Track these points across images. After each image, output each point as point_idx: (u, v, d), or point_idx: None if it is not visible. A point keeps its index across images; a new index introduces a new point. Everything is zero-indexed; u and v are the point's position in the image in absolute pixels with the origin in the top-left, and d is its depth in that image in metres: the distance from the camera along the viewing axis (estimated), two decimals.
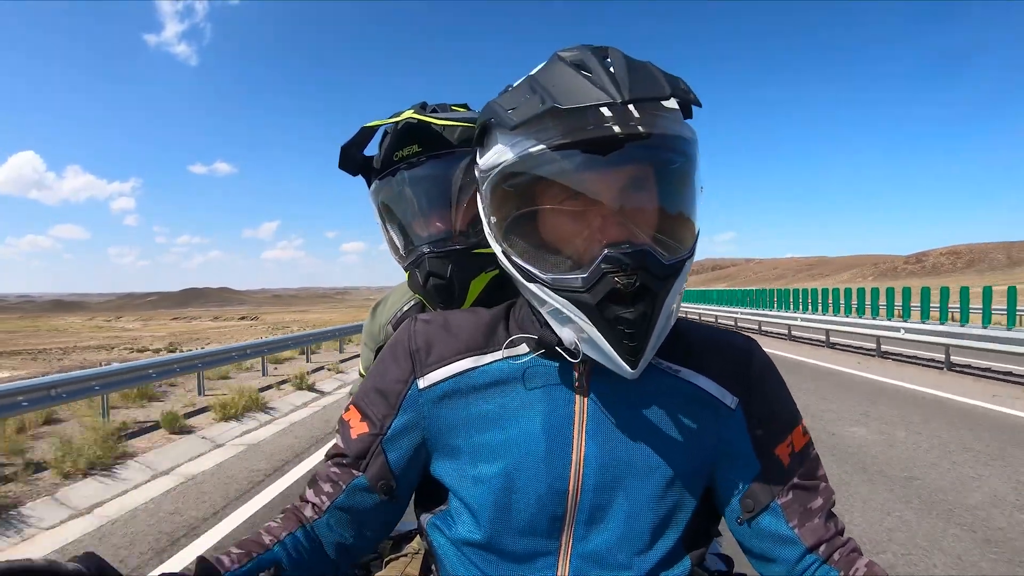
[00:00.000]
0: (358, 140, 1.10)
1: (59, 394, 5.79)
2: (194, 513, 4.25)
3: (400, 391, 0.78)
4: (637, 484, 0.73)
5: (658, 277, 0.65)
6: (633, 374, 0.67)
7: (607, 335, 0.65)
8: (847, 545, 0.75)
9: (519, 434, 0.74)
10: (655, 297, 0.65)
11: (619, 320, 0.64)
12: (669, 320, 0.69)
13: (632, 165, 0.67)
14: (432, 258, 1.07)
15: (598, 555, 0.73)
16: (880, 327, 11.84)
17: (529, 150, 0.65)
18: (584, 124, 0.63)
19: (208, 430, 6.55)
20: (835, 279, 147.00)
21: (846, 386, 8.65)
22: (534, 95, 0.65)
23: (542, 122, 0.65)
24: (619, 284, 0.63)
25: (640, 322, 0.65)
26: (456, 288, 1.07)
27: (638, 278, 0.64)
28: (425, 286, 1.09)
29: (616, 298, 0.64)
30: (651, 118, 0.65)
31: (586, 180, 0.66)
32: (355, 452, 0.78)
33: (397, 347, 0.81)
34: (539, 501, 0.73)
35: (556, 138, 0.64)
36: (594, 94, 0.62)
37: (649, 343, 0.66)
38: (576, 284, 0.66)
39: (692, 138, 0.70)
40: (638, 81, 0.63)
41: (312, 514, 0.78)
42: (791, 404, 0.81)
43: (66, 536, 3.90)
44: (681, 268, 0.68)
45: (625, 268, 0.63)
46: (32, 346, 38.93)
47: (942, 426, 6.13)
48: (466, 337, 0.79)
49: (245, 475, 5.16)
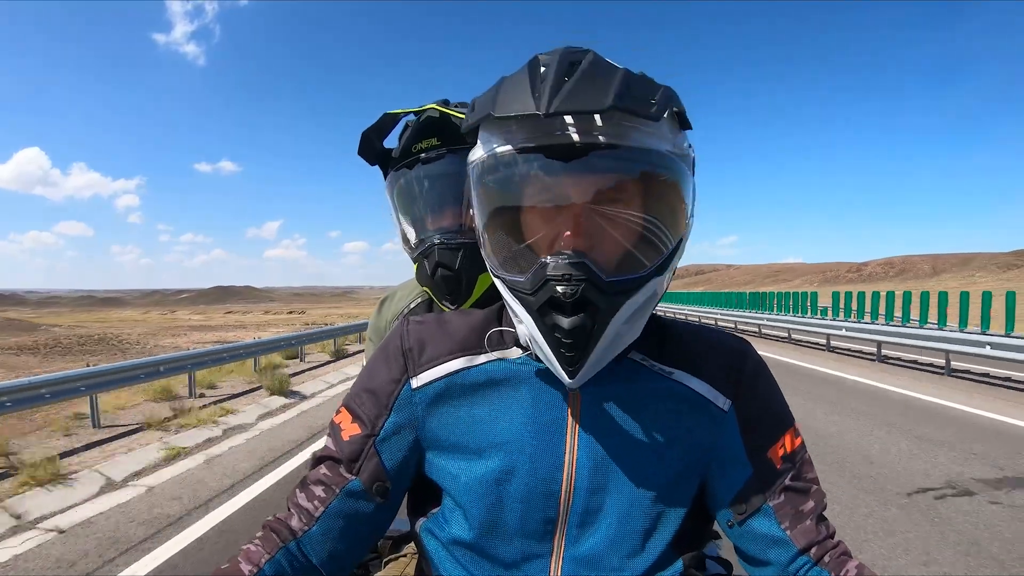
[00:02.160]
0: (379, 127, 1.02)
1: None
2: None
3: (392, 391, 0.71)
4: (629, 486, 0.66)
5: (603, 292, 0.58)
6: (571, 384, 0.62)
7: (547, 340, 0.60)
8: (837, 548, 0.68)
9: (511, 435, 0.67)
10: (597, 312, 0.58)
11: (556, 328, 0.58)
12: (619, 338, 0.61)
13: (587, 175, 0.59)
14: (442, 248, 1.01)
15: (591, 558, 0.66)
16: (827, 326, 13.12)
17: (495, 149, 0.60)
18: (521, 134, 0.58)
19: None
20: (790, 284, 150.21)
21: (795, 375, 9.46)
22: (488, 98, 0.60)
23: (488, 127, 0.61)
24: (558, 292, 0.57)
25: (577, 333, 0.58)
26: (463, 280, 1.01)
27: (580, 290, 0.57)
28: (433, 276, 1.02)
29: (555, 305, 0.58)
30: (593, 127, 0.56)
31: (536, 187, 0.60)
32: (348, 454, 0.70)
33: (389, 347, 0.74)
34: (531, 503, 0.66)
35: (496, 145, 0.60)
36: (525, 104, 0.56)
37: (590, 357, 0.59)
38: (524, 286, 0.60)
39: (663, 151, 0.59)
40: (579, 92, 0.55)
41: (301, 524, 0.69)
42: (784, 406, 0.73)
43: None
44: (633, 287, 0.59)
45: (567, 278, 0.57)
46: (129, 336, 36.59)
47: (850, 401, 7.17)
48: (460, 337, 0.72)
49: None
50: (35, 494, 4.06)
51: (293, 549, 0.68)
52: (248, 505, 4.03)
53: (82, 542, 3.40)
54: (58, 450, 5.04)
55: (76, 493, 4.18)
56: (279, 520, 0.70)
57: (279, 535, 0.68)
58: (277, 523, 0.70)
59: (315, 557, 0.69)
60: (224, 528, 3.60)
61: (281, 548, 0.67)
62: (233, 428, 6.28)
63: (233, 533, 3.50)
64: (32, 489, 4.11)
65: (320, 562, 0.69)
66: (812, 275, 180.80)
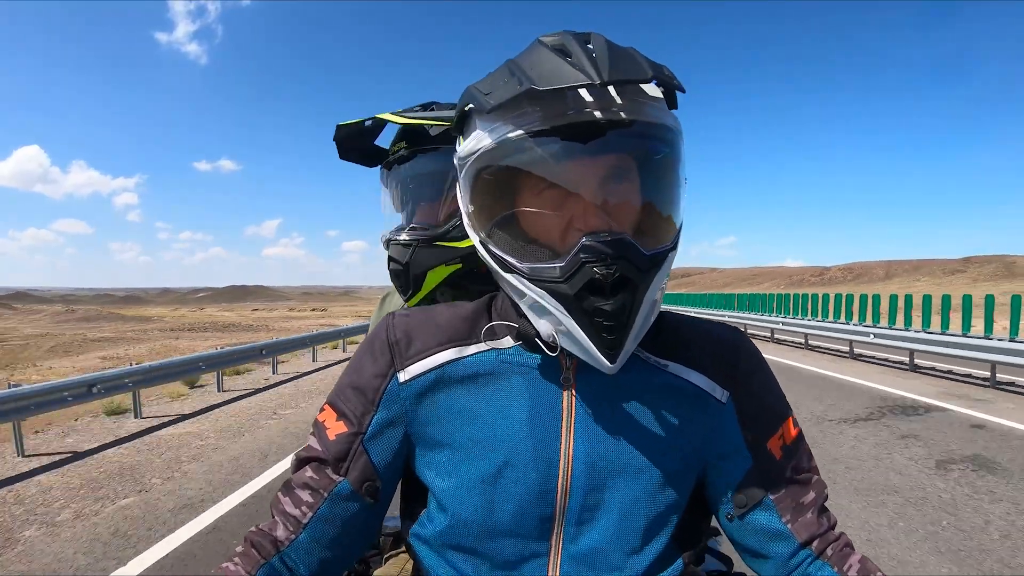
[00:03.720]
0: (337, 137, 1.01)
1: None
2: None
3: (379, 386, 0.64)
4: (628, 481, 0.61)
5: (639, 268, 0.54)
6: (612, 368, 0.55)
7: (585, 327, 0.54)
8: (840, 540, 0.64)
9: (504, 429, 0.61)
10: (635, 289, 0.54)
11: (597, 312, 0.53)
12: (651, 313, 0.57)
13: (614, 154, 0.55)
14: (394, 244, 0.99)
15: (590, 556, 0.61)
16: (770, 321, 14.66)
17: (507, 136, 0.54)
18: (564, 108, 0.53)
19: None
20: (760, 287, 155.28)
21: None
22: (512, 78, 0.54)
23: (519, 106, 0.54)
24: (598, 274, 0.52)
25: (619, 314, 0.53)
26: (411, 275, 0.97)
27: (618, 268, 0.53)
28: (389, 270, 1.01)
29: (595, 289, 0.53)
30: (634, 105, 0.54)
31: (566, 168, 0.55)
32: (334, 454, 0.63)
33: (374, 342, 0.66)
34: (527, 499, 0.60)
35: (535, 123, 0.53)
36: (573, 75, 0.51)
37: (629, 336, 0.55)
38: (554, 274, 0.54)
39: (676, 128, 0.58)
40: (619, 64, 0.52)
41: (288, 533, 0.62)
42: (781, 396, 0.68)
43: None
44: (663, 260, 0.56)
45: (604, 258, 0.52)
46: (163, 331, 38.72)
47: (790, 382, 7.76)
48: (448, 328, 0.65)
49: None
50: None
51: (276, 564, 0.61)
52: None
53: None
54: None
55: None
56: (262, 532, 0.63)
57: (260, 551, 0.61)
58: (259, 536, 0.62)
59: (303, 567, 0.62)
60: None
61: (263, 565, 0.60)
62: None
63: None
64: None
65: (310, 571, 0.63)
66: (781, 278, 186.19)
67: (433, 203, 1.00)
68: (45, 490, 4.10)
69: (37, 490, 4.11)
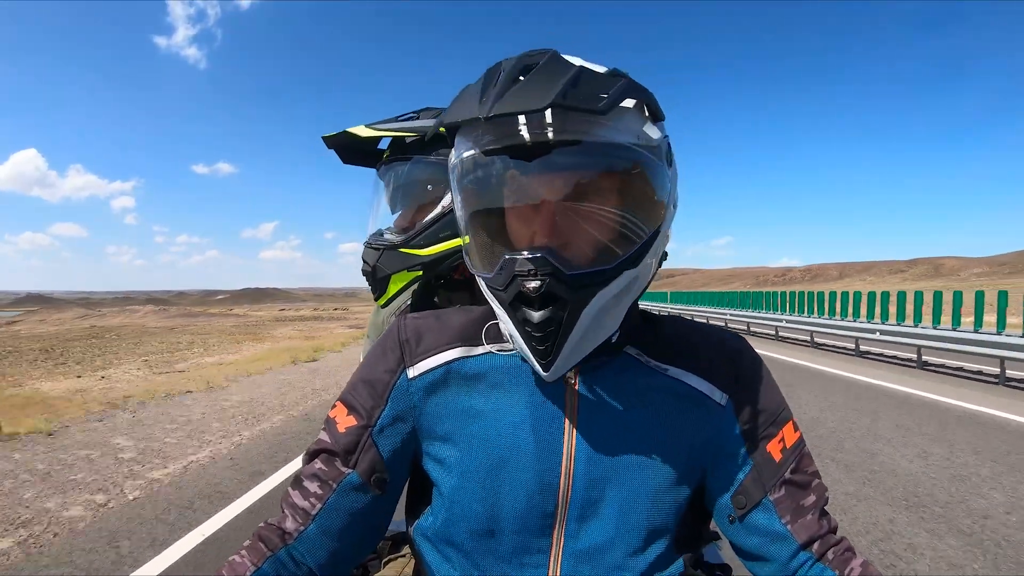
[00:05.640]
0: (330, 147, 1.00)
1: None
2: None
3: (388, 381, 0.62)
4: (629, 481, 0.58)
5: (568, 285, 0.50)
6: (548, 377, 0.54)
7: (520, 334, 0.53)
8: (841, 544, 0.59)
9: (508, 427, 0.59)
10: (566, 304, 0.51)
11: (526, 322, 0.52)
12: (595, 330, 0.54)
13: (548, 173, 0.52)
14: (367, 247, 0.97)
15: (591, 554, 0.58)
16: (750, 316, 15.07)
17: (463, 154, 0.54)
18: (484, 136, 0.52)
19: None
20: (731, 285, 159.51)
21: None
22: (460, 102, 0.52)
23: (461, 131, 0.54)
24: (525, 287, 0.51)
25: (546, 326, 0.51)
26: (377, 278, 0.95)
27: (545, 284, 0.50)
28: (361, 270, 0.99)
29: (524, 300, 0.51)
30: (553, 126, 0.49)
31: (501, 188, 0.55)
32: (344, 446, 0.61)
33: (387, 339, 0.65)
34: (529, 496, 0.58)
35: (466, 148, 0.54)
36: (467, 110, 0.50)
37: (563, 349, 0.52)
38: (496, 282, 0.53)
39: (624, 143, 0.51)
40: (524, 93, 0.48)
41: (296, 524, 0.59)
42: (781, 400, 0.64)
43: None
44: (600, 279, 0.51)
45: (532, 272, 0.50)
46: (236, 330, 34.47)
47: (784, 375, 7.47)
48: (457, 329, 0.64)
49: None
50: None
51: (283, 557, 0.58)
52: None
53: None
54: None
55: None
56: (270, 526, 0.60)
57: (267, 543, 0.58)
58: (267, 529, 0.60)
59: (312, 559, 0.59)
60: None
61: (269, 557, 0.57)
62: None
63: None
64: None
65: (318, 564, 0.59)
66: (748, 278, 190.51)
67: (406, 211, 0.99)
68: None
69: None
